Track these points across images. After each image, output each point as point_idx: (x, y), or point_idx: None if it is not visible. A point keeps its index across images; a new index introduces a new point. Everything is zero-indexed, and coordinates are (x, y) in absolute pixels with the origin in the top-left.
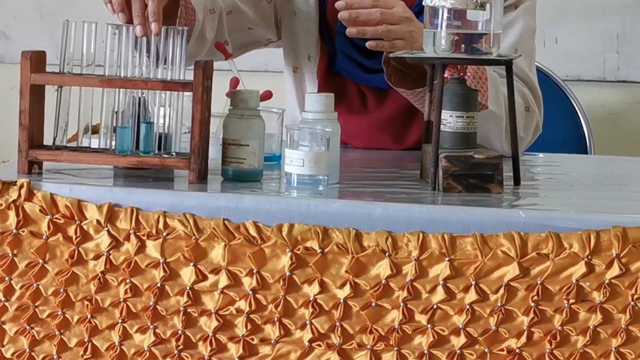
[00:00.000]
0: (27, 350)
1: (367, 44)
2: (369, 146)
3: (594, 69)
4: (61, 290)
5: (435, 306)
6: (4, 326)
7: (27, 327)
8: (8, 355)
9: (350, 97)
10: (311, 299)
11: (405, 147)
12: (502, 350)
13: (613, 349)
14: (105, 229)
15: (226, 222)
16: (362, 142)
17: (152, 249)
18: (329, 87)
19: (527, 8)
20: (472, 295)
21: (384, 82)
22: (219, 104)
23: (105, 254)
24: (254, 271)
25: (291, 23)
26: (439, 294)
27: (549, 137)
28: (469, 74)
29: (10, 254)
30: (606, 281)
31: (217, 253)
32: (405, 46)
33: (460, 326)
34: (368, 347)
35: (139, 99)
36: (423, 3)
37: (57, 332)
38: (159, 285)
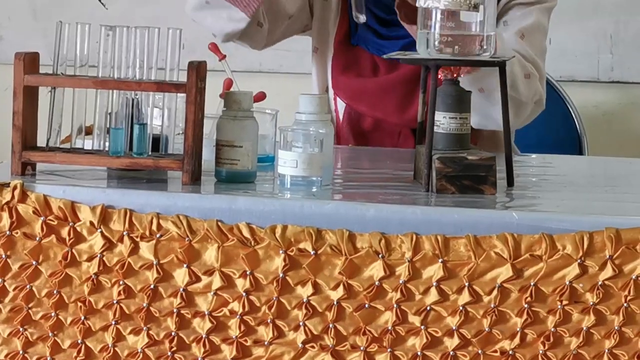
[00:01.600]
0: (21, 352)
1: None
2: (372, 112)
3: (587, 70)
4: (55, 291)
5: (428, 307)
6: None
7: (21, 329)
8: (1, 357)
9: (363, 64)
10: (304, 300)
11: (407, 119)
12: (496, 351)
13: (606, 350)
14: (99, 230)
15: (219, 223)
16: (366, 106)
17: (146, 250)
18: (344, 56)
19: (543, 9)
20: (465, 297)
21: (396, 47)
22: (213, 105)
23: (99, 255)
24: (248, 272)
25: (320, 4)
26: (433, 296)
27: (543, 138)
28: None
29: (3, 256)
30: (599, 282)
31: (210, 254)
32: None
33: (454, 327)
34: (361, 348)
35: (133, 100)
36: (417, 4)
37: (50, 334)
38: (152, 286)
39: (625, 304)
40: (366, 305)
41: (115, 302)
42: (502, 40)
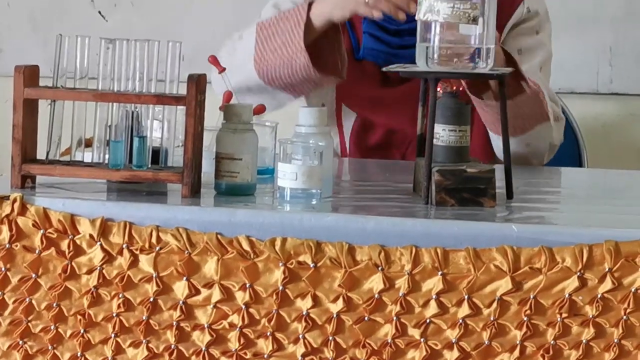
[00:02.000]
0: None
1: None
2: (389, 122)
3: (587, 81)
4: (54, 304)
5: (428, 320)
6: None
7: (20, 342)
8: None
9: (371, 77)
10: (304, 313)
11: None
12: None
13: None
14: (98, 243)
15: (219, 236)
16: (383, 116)
17: (145, 263)
18: (349, 70)
19: (548, 35)
20: (465, 310)
21: (409, 58)
22: (213, 117)
23: (98, 268)
24: (247, 285)
25: None
26: (432, 308)
27: None
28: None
29: (3, 269)
30: (599, 295)
31: (210, 267)
32: None
33: (453, 340)
34: None
35: (132, 112)
36: (416, 17)
37: (50, 347)
38: (151, 299)
39: (624, 317)
40: (366, 318)
41: (114, 315)
42: (544, 90)
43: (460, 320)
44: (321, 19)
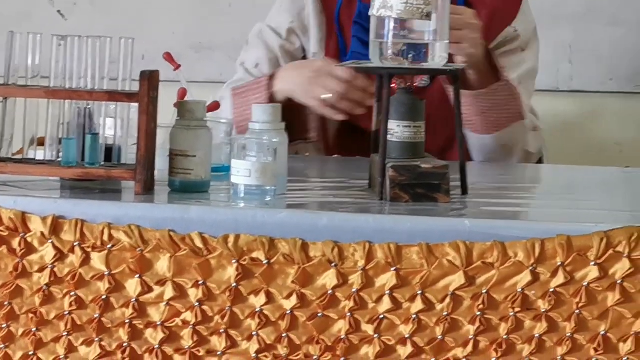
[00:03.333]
0: None
1: None
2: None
3: (547, 79)
4: (6, 303)
5: (381, 316)
6: None
7: None
8: None
9: None
10: (257, 310)
11: None
12: (449, 359)
13: (559, 358)
14: (50, 241)
15: (172, 233)
16: (368, 120)
17: (97, 260)
18: None
19: (534, 52)
20: (418, 305)
21: None
22: (168, 115)
23: (50, 266)
24: (200, 282)
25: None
26: (386, 304)
27: None
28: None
29: None
30: (551, 290)
31: (162, 264)
32: (457, 51)
33: (407, 336)
34: (315, 357)
35: (85, 110)
36: (369, 13)
37: (1, 346)
38: (104, 297)
39: (576, 311)
40: (319, 314)
41: (66, 313)
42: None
43: (414, 316)
44: (282, 95)
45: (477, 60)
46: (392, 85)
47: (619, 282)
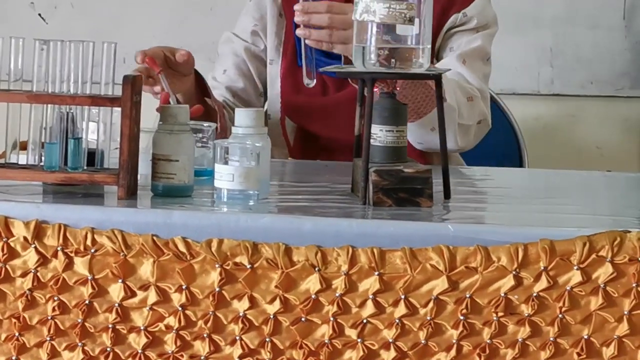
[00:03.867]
0: None
1: (307, 42)
2: (324, 131)
3: (528, 83)
4: None
5: (365, 320)
6: None
7: None
8: None
9: (310, 89)
10: (241, 314)
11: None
12: None
13: None
14: (33, 246)
15: (155, 238)
16: (317, 126)
17: (80, 265)
18: (292, 77)
19: (487, 34)
20: (401, 309)
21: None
22: (151, 119)
23: (33, 271)
24: (183, 287)
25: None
26: (369, 308)
27: (484, 151)
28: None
29: None
30: (534, 294)
31: (145, 269)
32: (345, 51)
33: (390, 340)
34: None
35: (67, 114)
36: (352, 17)
37: None
38: (87, 302)
39: (560, 315)
40: (302, 319)
41: (49, 317)
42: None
43: (397, 320)
44: None
45: None
46: (375, 90)
47: (602, 286)
